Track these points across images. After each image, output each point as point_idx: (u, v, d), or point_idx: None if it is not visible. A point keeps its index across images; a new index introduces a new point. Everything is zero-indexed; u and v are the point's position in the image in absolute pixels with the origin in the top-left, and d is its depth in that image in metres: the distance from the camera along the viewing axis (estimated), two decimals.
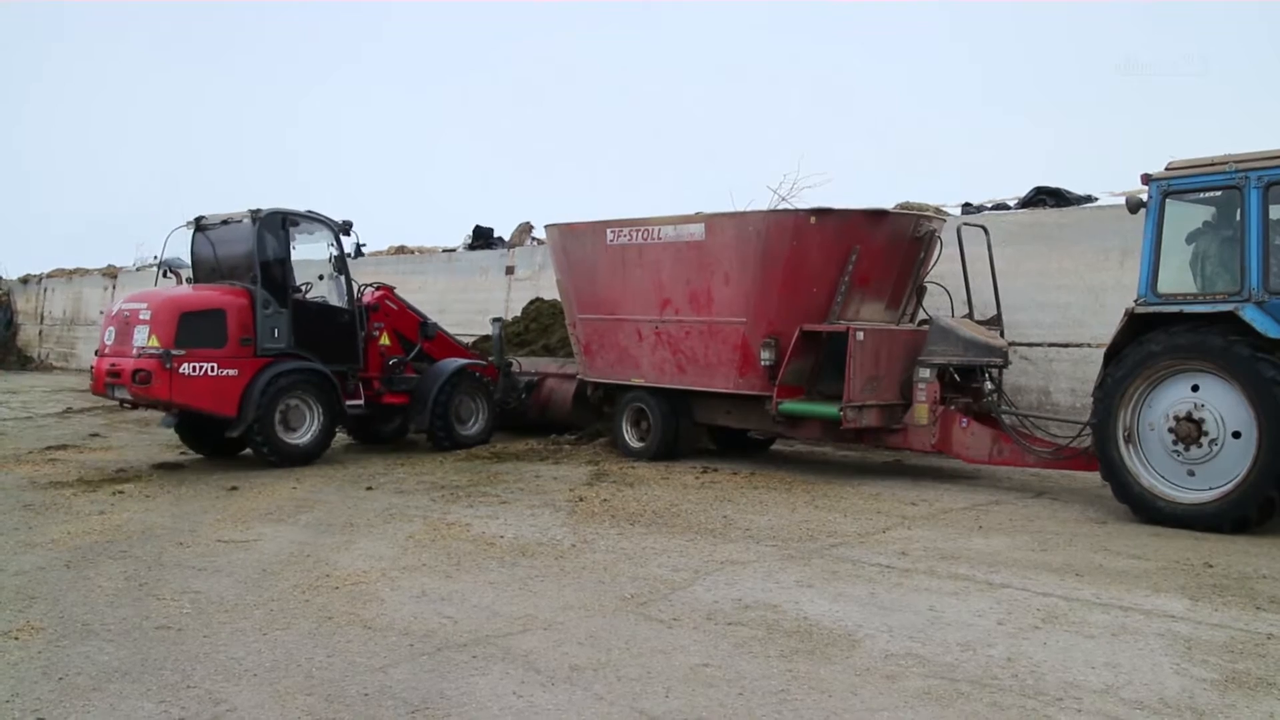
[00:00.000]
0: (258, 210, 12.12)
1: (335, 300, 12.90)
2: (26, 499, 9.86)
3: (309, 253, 12.91)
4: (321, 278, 12.98)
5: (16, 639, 5.67)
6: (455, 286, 21.81)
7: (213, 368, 11.57)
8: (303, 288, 12.58)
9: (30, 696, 4.83)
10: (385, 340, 13.49)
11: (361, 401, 12.91)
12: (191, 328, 11.51)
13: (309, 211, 12.71)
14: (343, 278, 12.89)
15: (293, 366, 12.06)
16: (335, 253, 12.87)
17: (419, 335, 14.09)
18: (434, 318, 21.35)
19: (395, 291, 14.19)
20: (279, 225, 12.27)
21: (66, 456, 12.90)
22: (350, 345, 12.81)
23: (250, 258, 12.10)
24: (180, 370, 11.34)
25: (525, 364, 15.55)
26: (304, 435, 12.22)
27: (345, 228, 12.93)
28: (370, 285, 13.85)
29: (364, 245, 14.30)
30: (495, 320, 15.51)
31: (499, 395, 14.38)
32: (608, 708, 4.68)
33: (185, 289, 12.73)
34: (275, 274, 12.17)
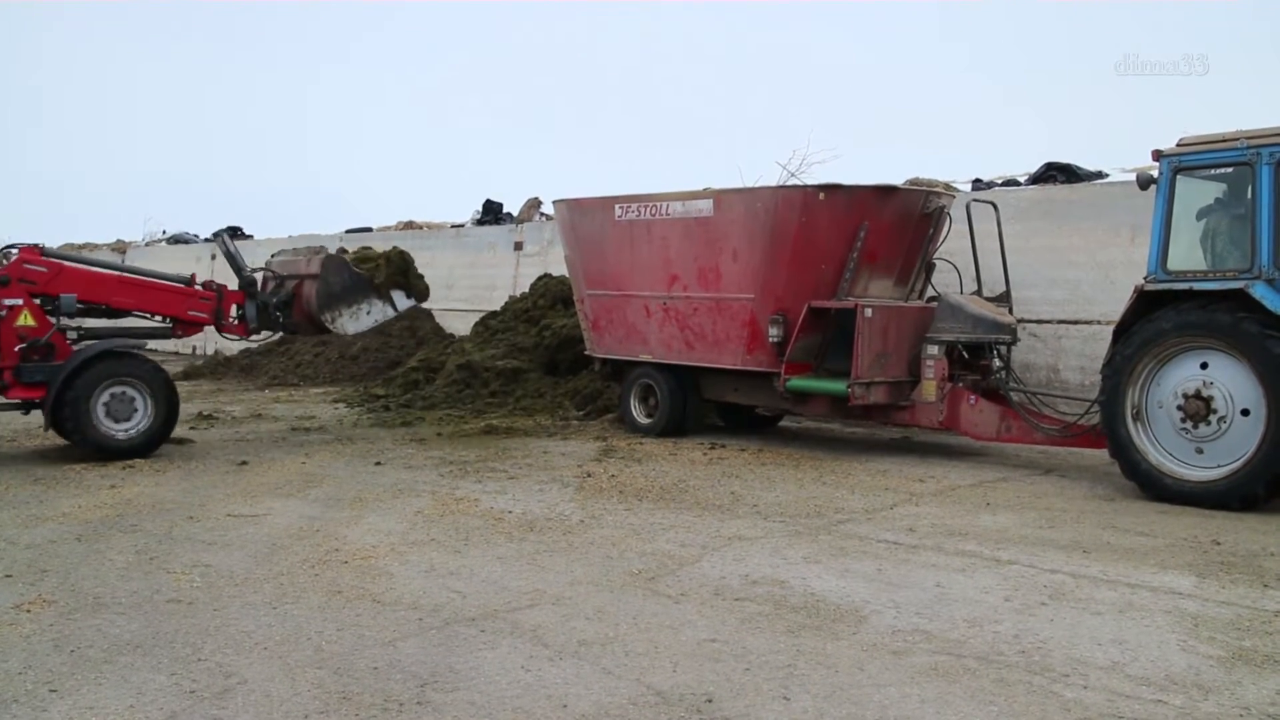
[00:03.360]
0: None
1: None
2: (37, 473, 9.91)
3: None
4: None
5: (28, 612, 5.71)
6: (463, 262, 21.79)
7: None
8: None
9: (42, 669, 4.87)
10: (27, 319, 10.87)
11: None
12: None
13: None
14: None
15: None
16: None
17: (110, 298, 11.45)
18: (442, 293, 21.33)
19: (47, 250, 11.38)
20: None
21: None
22: None
23: None
24: None
25: (279, 266, 13.10)
26: None
27: None
28: (11, 247, 11.67)
29: None
30: (218, 234, 13.19)
31: (254, 326, 12.18)
32: (615, 682, 4.70)
33: None
34: None
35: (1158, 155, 9.06)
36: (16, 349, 10.69)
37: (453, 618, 5.62)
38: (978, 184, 14.86)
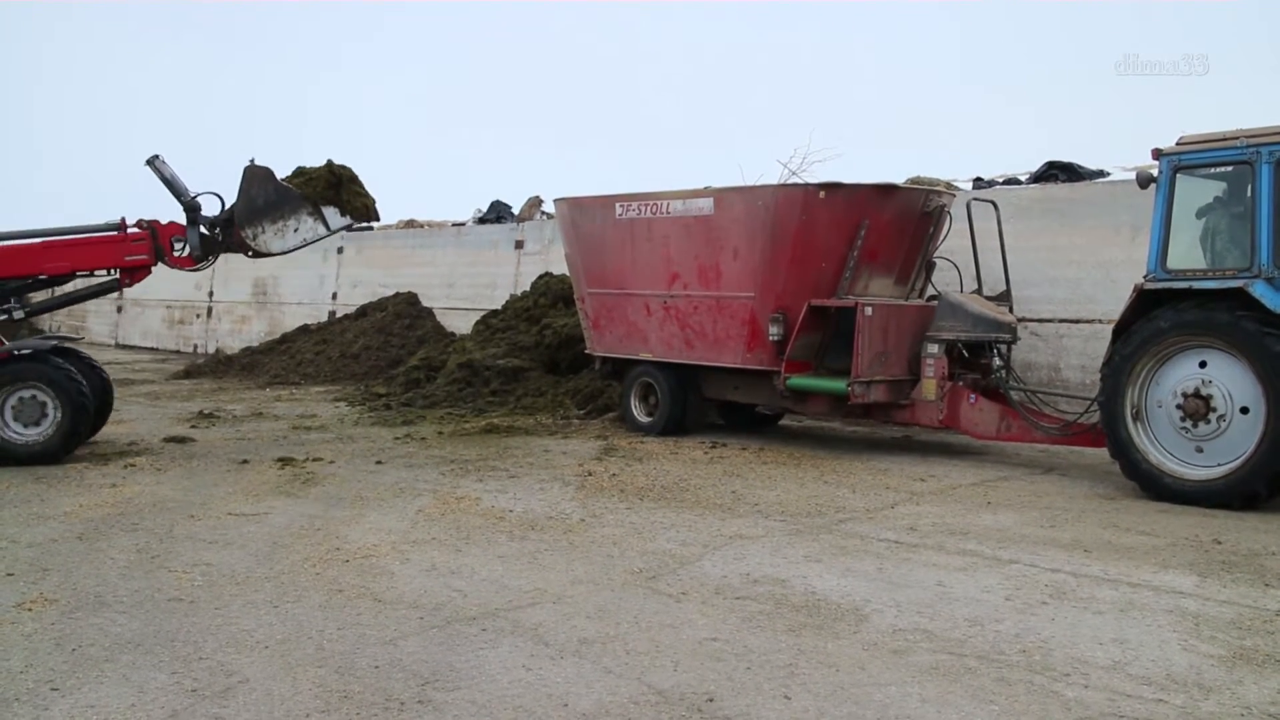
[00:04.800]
0: None
1: None
2: (39, 472, 9.91)
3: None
4: None
5: (30, 610, 5.72)
6: (464, 260, 21.79)
7: None
8: None
9: (44, 667, 4.87)
10: None
11: None
12: None
13: None
14: None
15: None
16: None
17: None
18: (443, 292, 21.33)
19: None
20: None
21: None
22: None
23: None
24: None
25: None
26: None
27: None
28: None
29: None
30: (150, 160, 11.45)
31: (199, 254, 11.42)
32: (616, 681, 4.71)
33: None
34: None
35: (1158, 154, 9.07)
36: None
37: (454, 616, 5.62)
38: (978, 183, 14.86)
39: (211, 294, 27.48)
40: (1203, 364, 8.65)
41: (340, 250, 24.81)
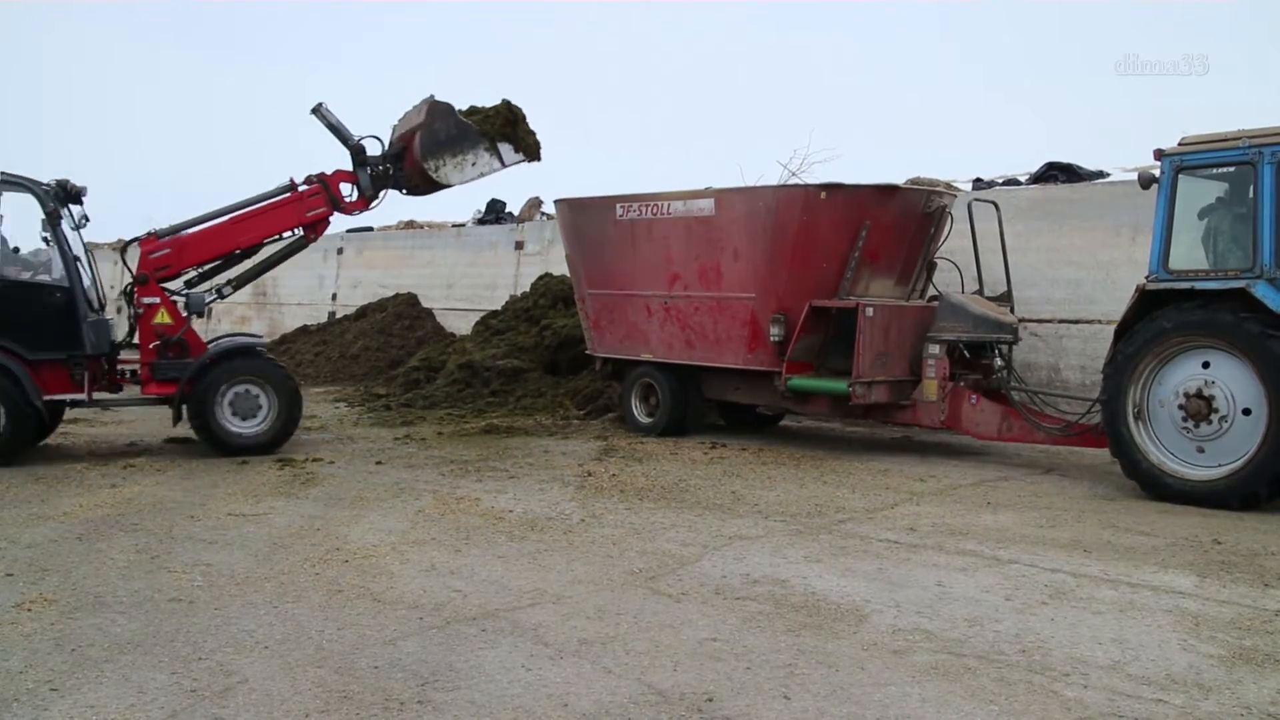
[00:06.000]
0: None
1: (54, 275, 10.78)
2: (38, 472, 9.91)
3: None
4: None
5: (29, 611, 5.71)
6: (464, 261, 21.79)
7: None
8: (31, 264, 10.91)
9: (43, 668, 4.87)
10: (163, 317, 11.19)
11: (83, 395, 10.82)
12: None
13: (3, 174, 10.65)
14: (56, 250, 10.74)
15: None
16: (44, 220, 10.75)
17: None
18: (443, 293, 21.34)
19: (159, 231, 11.45)
20: None
21: (78, 430, 12.95)
22: (67, 328, 10.65)
23: None
24: None
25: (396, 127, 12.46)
26: None
27: (55, 193, 10.90)
28: (131, 241, 11.77)
29: (87, 218, 11.57)
30: (316, 108, 12.04)
31: (371, 193, 11.95)
32: (616, 681, 4.70)
33: None
34: None
35: (1159, 154, 9.06)
36: (152, 345, 11.09)
37: (453, 617, 5.62)
38: (979, 183, 14.86)
39: None
40: (1205, 364, 8.64)
41: (340, 251, 24.81)
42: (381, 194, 12.20)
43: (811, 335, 11.34)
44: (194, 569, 6.57)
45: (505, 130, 12.15)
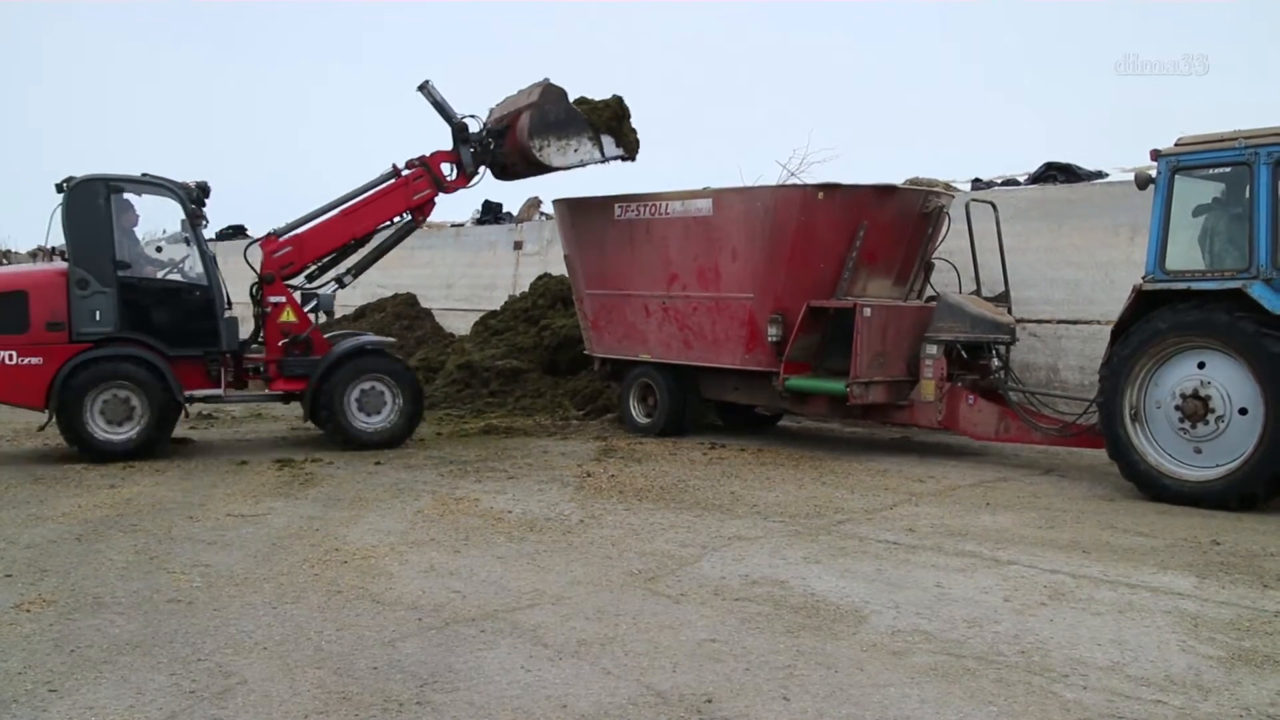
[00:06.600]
0: (69, 178, 10.64)
1: (193, 274, 11.18)
2: (37, 472, 9.90)
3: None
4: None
5: (28, 611, 5.71)
6: (463, 261, 21.78)
7: (10, 356, 10.39)
8: (167, 263, 11.30)
9: (42, 669, 4.87)
10: (289, 316, 11.55)
11: (220, 390, 11.22)
12: None
13: (145, 175, 11.01)
14: (195, 249, 11.11)
15: (106, 353, 10.54)
16: (183, 221, 11.10)
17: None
18: (442, 293, 21.30)
19: (278, 230, 11.74)
20: (99, 194, 10.62)
21: None
22: (207, 326, 11.04)
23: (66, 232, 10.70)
24: None
25: (497, 109, 12.65)
26: (129, 430, 10.59)
27: (193, 193, 11.15)
28: (252, 243, 12.02)
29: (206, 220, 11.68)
30: (423, 85, 12.21)
31: (472, 169, 12.18)
32: (615, 682, 4.70)
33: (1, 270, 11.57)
34: (96, 249, 10.61)
35: (1156, 155, 9.07)
36: (280, 344, 11.46)
37: (452, 618, 5.62)
38: (977, 184, 14.87)
39: None
40: (1201, 365, 8.65)
41: None
42: (481, 170, 12.44)
43: (809, 335, 11.34)
44: (193, 570, 6.57)
45: (611, 124, 12.50)
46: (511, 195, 25.05)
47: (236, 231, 25.65)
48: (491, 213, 22.47)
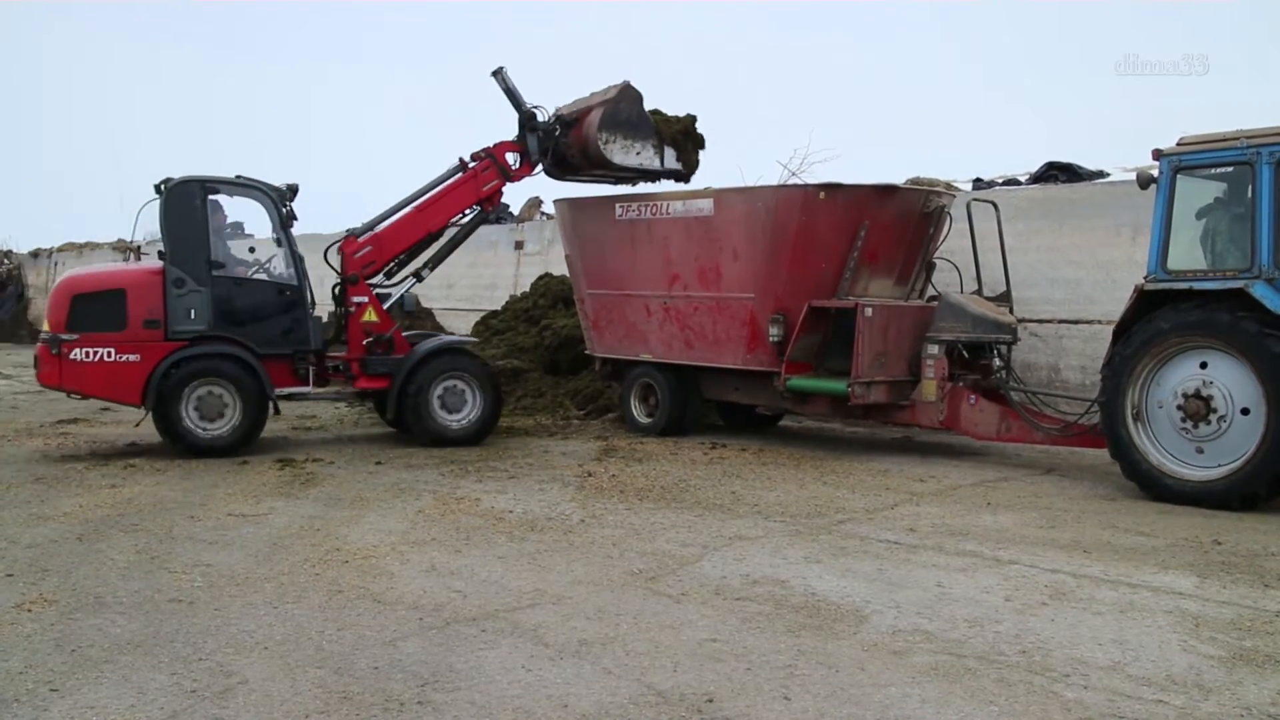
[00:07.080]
0: (166, 179, 10.92)
1: (282, 274, 11.50)
2: (38, 472, 9.91)
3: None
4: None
5: (29, 611, 5.71)
6: (463, 261, 21.66)
7: (109, 353, 10.63)
8: (253, 263, 11.54)
9: (43, 668, 4.87)
10: (371, 316, 11.81)
11: (308, 388, 11.51)
12: (86, 310, 10.66)
13: (238, 177, 11.33)
14: (285, 249, 11.46)
15: (201, 351, 10.81)
16: (274, 222, 11.43)
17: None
18: (442, 293, 21.28)
19: (355, 230, 11.98)
20: (194, 195, 10.92)
21: (78, 430, 12.95)
22: (297, 324, 11.34)
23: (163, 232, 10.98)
24: (71, 356, 10.55)
25: (567, 107, 12.76)
26: (222, 426, 10.87)
27: (284, 194, 11.44)
28: (332, 244, 12.24)
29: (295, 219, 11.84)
30: (496, 71, 12.38)
31: (536, 157, 12.37)
32: (616, 682, 4.70)
33: (98, 268, 11.90)
34: (191, 249, 10.90)
35: (1158, 155, 9.06)
36: (364, 343, 11.76)
37: (453, 617, 5.62)
38: (978, 183, 14.86)
39: None
40: (1203, 365, 8.65)
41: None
42: (547, 154, 12.53)
43: (810, 335, 11.34)
44: (194, 569, 6.57)
45: (678, 138, 12.77)
46: (512, 195, 25.07)
47: (237, 228, 25.58)
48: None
